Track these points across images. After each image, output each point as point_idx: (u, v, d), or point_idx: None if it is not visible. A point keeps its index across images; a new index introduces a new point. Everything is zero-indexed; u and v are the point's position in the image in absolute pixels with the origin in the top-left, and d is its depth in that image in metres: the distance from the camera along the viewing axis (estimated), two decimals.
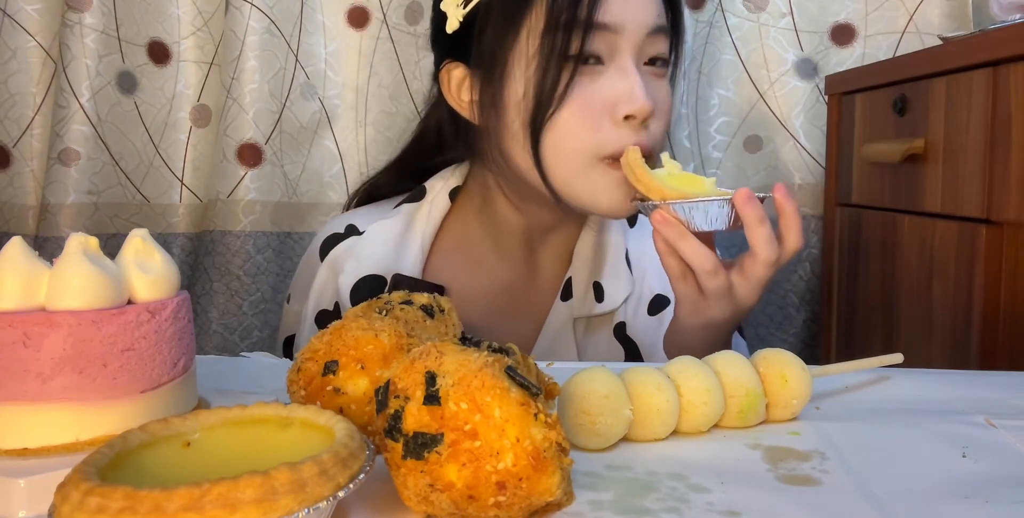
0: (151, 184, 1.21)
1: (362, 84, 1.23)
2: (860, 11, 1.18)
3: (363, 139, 1.23)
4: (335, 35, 1.22)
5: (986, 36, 0.80)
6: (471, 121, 0.80)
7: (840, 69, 1.17)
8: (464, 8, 0.76)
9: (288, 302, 0.93)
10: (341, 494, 0.33)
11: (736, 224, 0.69)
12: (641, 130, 0.74)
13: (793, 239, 0.68)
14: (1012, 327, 0.77)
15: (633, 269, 0.87)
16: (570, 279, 0.87)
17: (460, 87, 0.80)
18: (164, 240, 1.21)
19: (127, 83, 1.17)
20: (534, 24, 0.73)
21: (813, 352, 1.21)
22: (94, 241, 0.45)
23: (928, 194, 0.89)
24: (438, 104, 0.89)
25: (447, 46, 0.81)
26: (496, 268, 0.88)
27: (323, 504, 0.33)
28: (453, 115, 0.84)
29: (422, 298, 0.52)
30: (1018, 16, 0.84)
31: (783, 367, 0.51)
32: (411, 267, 0.85)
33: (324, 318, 0.88)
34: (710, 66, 1.21)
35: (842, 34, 1.19)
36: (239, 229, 1.19)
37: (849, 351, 1.09)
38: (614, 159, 0.73)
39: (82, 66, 1.12)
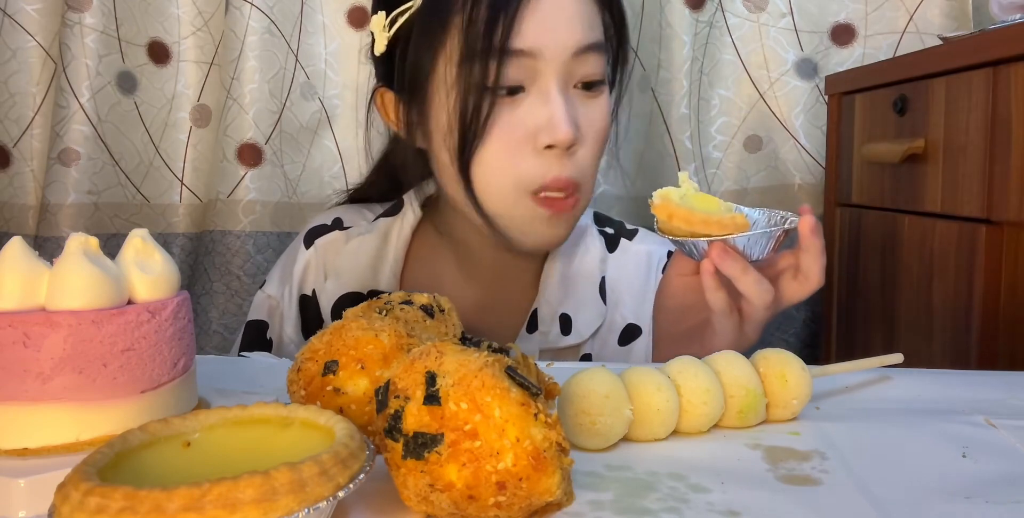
0: (151, 184, 1.21)
1: (362, 84, 1.23)
2: (860, 11, 1.18)
3: (363, 139, 1.23)
4: (335, 35, 1.22)
5: (986, 36, 0.80)
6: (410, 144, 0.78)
7: (840, 69, 1.17)
8: (388, 32, 0.73)
9: (261, 287, 0.91)
10: (341, 494, 0.33)
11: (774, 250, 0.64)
12: (565, 159, 0.71)
13: (815, 277, 0.65)
14: (1012, 327, 0.77)
15: (608, 297, 0.84)
16: (536, 310, 0.82)
17: (393, 111, 0.78)
18: (164, 240, 1.21)
19: (127, 83, 1.17)
20: (451, 52, 0.69)
21: (813, 352, 1.21)
22: (94, 241, 0.45)
23: (928, 194, 0.88)
24: None
25: (377, 68, 0.79)
26: (463, 289, 0.85)
27: (323, 504, 0.33)
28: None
29: (422, 298, 0.52)
30: (1018, 16, 0.84)
31: (783, 367, 0.51)
32: (387, 283, 0.83)
33: (305, 303, 0.86)
34: (710, 66, 1.21)
35: (842, 34, 1.19)
36: (239, 229, 1.19)
37: (849, 351, 1.09)
38: (536, 193, 0.71)
39: (82, 66, 1.12)
